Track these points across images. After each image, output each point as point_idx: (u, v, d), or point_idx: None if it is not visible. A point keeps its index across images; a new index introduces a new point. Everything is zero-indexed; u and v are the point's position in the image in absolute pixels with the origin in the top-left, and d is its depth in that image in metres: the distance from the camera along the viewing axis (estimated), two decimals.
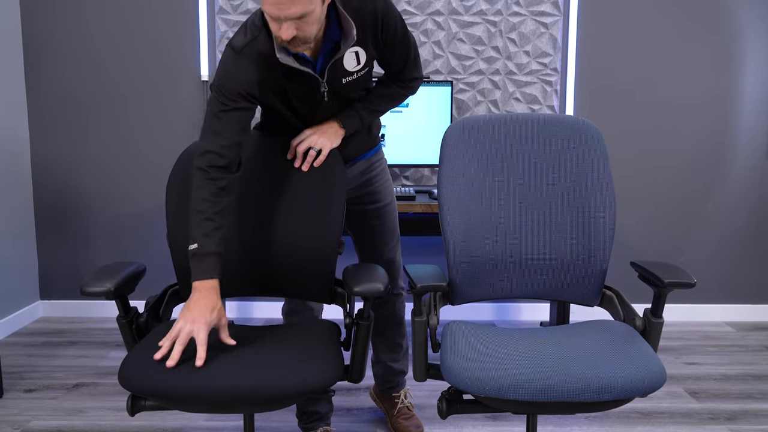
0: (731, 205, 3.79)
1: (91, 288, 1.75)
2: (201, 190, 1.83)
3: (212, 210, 1.82)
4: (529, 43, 3.63)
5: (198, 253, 1.79)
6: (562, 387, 1.60)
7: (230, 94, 1.86)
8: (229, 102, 1.86)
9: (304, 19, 1.72)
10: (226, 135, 1.86)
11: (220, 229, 1.82)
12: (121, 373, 1.67)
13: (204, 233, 1.80)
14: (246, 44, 1.86)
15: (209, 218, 1.81)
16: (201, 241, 1.79)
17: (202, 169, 1.84)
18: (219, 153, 1.84)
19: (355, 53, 1.95)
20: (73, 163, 3.75)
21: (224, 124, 1.86)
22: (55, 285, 3.85)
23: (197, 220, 1.81)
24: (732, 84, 3.70)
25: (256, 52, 1.86)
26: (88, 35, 3.66)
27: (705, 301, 3.87)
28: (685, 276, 1.84)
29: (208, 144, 1.86)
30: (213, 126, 1.86)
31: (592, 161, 2.03)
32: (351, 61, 1.95)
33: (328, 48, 1.91)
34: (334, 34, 1.89)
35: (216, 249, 1.80)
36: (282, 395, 1.64)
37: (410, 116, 3.37)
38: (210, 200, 1.82)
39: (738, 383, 3.00)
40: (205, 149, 1.85)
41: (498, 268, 2.03)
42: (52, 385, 2.93)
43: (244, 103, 1.88)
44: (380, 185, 2.29)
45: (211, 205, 1.82)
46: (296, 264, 1.99)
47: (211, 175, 1.84)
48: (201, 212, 1.81)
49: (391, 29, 1.97)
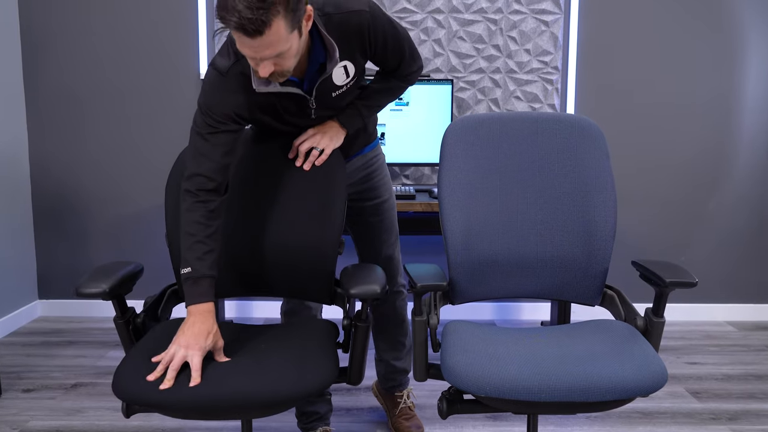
0: (733, 204, 3.78)
1: (86, 289, 1.74)
2: (192, 213, 1.82)
3: (204, 233, 1.80)
4: (529, 42, 3.62)
5: (191, 276, 1.78)
6: (563, 387, 1.60)
7: (218, 117, 1.82)
8: (218, 124, 1.82)
9: (282, 56, 1.67)
10: (215, 158, 1.83)
11: (212, 252, 1.81)
12: (115, 382, 1.65)
13: (197, 257, 1.78)
14: (230, 66, 1.82)
15: (201, 241, 1.80)
16: (194, 264, 1.78)
17: (191, 192, 1.83)
18: (208, 176, 1.82)
19: (344, 68, 1.91)
20: (71, 162, 3.75)
21: (212, 147, 1.83)
22: (54, 284, 3.84)
23: (189, 243, 1.80)
24: (734, 82, 3.69)
25: (239, 73, 1.82)
26: (86, 33, 3.65)
27: (707, 300, 3.86)
28: (686, 275, 1.83)
29: (196, 167, 1.83)
30: (201, 148, 1.83)
31: (594, 160, 2.03)
32: (340, 76, 1.92)
33: (314, 69, 1.87)
34: (318, 55, 1.84)
35: (209, 272, 1.79)
36: (276, 402, 1.62)
37: (410, 114, 3.37)
38: (201, 223, 1.81)
39: (740, 383, 3.00)
40: (194, 172, 1.83)
41: (498, 268, 2.03)
42: (50, 385, 2.93)
43: (232, 126, 1.85)
44: (378, 181, 2.28)
45: (202, 228, 1.81)
46: (296, 264, 1.99)
47: (201, 198, 1.82)
48: (193, 235, 1.80)
49: (380, 40, 1.92)
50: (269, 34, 1.58)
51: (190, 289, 1.78)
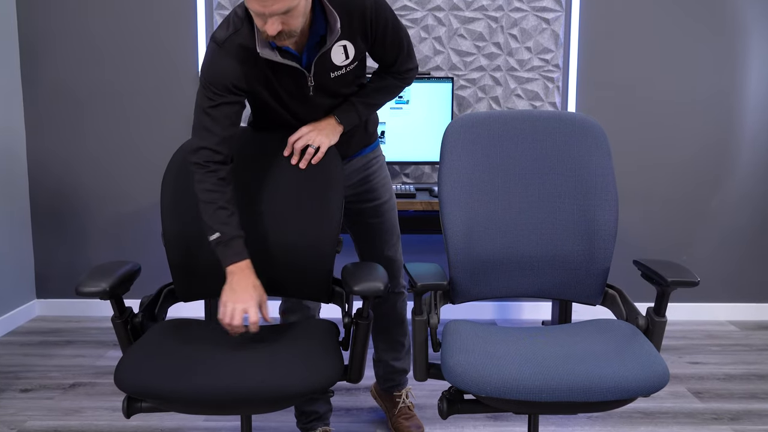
0: (735, 202, 3.78)
1: (86, 288, 1.74)
2: (204, 183, 1.88)
3: (222, 199, 1.88)
4: (530, 39, 3.62)
5: (222, 240, 1.86)
6: (564, 387, 1.60)
7: (217, 89, 1.87)
8: (216, 97, 1.87)
9: (290, 14, 1.71)
10: (218, 131, 1.89)
11: (234, 215, 1.89)
12: (117, 374, 1.66)
13: (221, 222, 1.86)
14: (228, 37, 1.86)
15: (222, 207, 1.87)
16: (221, 229, 1.85)
17: (199, 164, 1.89)
18: (213, 149, 1.88)
19: (344, 47, 1.94)
20: (70, 160, 3.75)
21: (214, 120, 1.88)
22: (52, 284, 3.84)
23: (210, 211, 1.87)
24: (736, 80, 3.69)
25: (238, 45, 1.86)
26: (85, 31, 3.65)
27: (709, 299, 3.86)
28: (688, 274, 1.83)
29: (200, 141, 1.89)
30: (203, 122, 1.89)
31: (595, 158, 2.03)
32: (339, 54, 1.94)
33: (314, 42, 1.90)
34: (319, 27, 1.88)
35: (238, 232, 1.87)
36: (281, 396, 1.63)
37: (410, 113, 3.37)
38: (216, 191, 1.88)
39: (742, 383, 3.00)
40: (199, 146, 1.89)
41: (499, 267, 2.03)
42: (48, 385, 2.93)
43: (231, 97, 1.89)
44: (378, 182, 2.28)
45: (219, 195, 1.88)
46: (294, 263, 1.99)
47: (210, 168, 1.88)
48: (212, 203, 1.87)
49: (381, 24, 1.96)
50: None
51: (223, 251, 1.86)
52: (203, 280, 2.04)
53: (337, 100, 2.07)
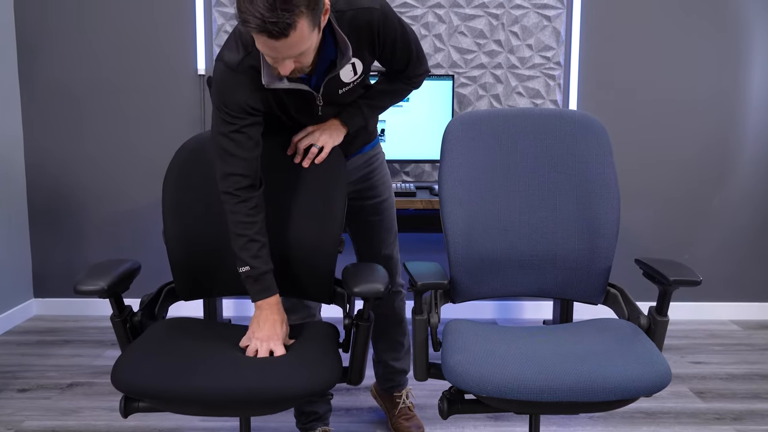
0: (737, 201, 3.78)
1: (85, 286, 1.74)
2: (236, 215, 1.87)
3: (252, 230, 1.86)
4: (531, 37, 3.62)
5: (251, 275, 1.86)
6: (565, 387, 1.60)
7: (235, 112, 1.83)
8: (236, 120, 1.83)
9: (303, 55, 1.68)
10: (243, 154, 1.85)
11: (264, 247, 1.88)
12: (114, 373, 1.66)
13: (252, 255, 1.86)
14: (240, 61, 1.81)
15: (252, 239, 1.86)
16: (252, 263, 1.86)
17: (230, 194, 1.86)
18: (242, 174, 1.86)
19: (352, 65, 1.92)
20: (67, 159, 3.75)
21: (238, 144, 1.85)
22: (49, 283, 3.85)
23: (241, 243, 1.86)
24: (738, 79, 3.69)
25: (250, 67, 1.82)
26: (83, 28, 3.65)
27: (711, 299, 3.86)
28: (690, 273, 1.83)
29: (227, 167, 1.86)
30: (227, 147, 1.85)
31: (596, 157, 2.03)
32: (348, 73, 1.93)
33: (324, 67, 1.88)
34: (329, 52, 1.85)
35: (267, 267, 1.88)
36: (279, 398, 1.63)
37: (411, 111, 3.37)
38: (247, 222, 1.86)
39: (744, 383, 3.00)
40: (227, 172, 1.86)
41: (500, 266, 2.03)
42: (46, 385, 2.93)
43: (250, 119, 1.85)
44: (378, 180, 2.29)
45: (249, 226, 1.86)
46: (296, 263, 1.99)
47: (242, 198, 1.86)
48: (243, 236, 1.86)
49: (389, 39, 1.93)
50: (294, 36, 1.59)
51: (253, 286, 1.87)
52: (204, 280, 2.04)
53: (344, 108, 2.07)
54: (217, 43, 3.60)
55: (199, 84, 3.67)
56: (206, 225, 1.97)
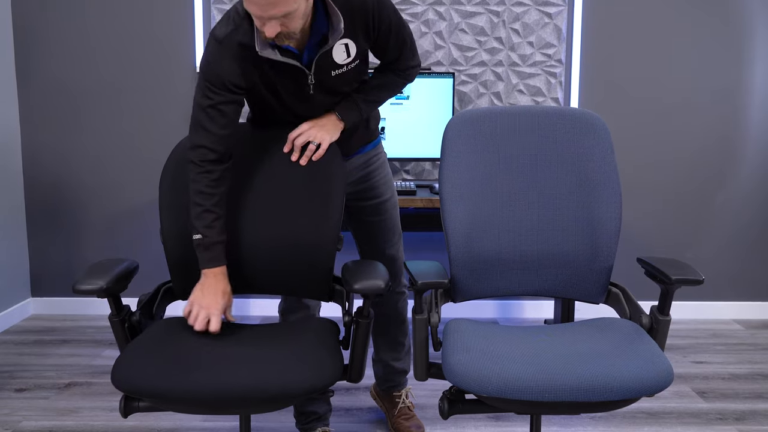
0: (741, 199, 3.78)
1: (83, 286, 1.74)
2: (197, 184, 1.92)
3: (210, 202, 1.91)
4: (532, 34, 3.62)
5: (202, 243, 1.91)
6: (566, 386, 1.60)
7: (215, 87, 1.88)
8: (214, 95, 1.88)
9: (289, 17, 1.72)
10: (215, 130, 1.90)
11: (219, 218, 1.93)
12: (114, 372, 1.66)
13: (205, 225, 1.91)
14: (227, 34, 1.86)
15: (208, 210, 1.91)
16: (204, 231, 1.91)
17: (195, 163, 1.92)
18: (209, 147, 1.91)
19: (345, 45, 1.94)
20: (65, 156, 3.75)
21: (211, 119, 1.90)
22: (47, 282, 3.84)
23: (197, 212, 1.91)
24: (741, 76, 3.69)
25: (237, 43, 1.86)
26: (80, 24, 3.65)
27: (713, 298, 3.86)
28: (692, 272, 1.83)
29: (197, 138, 1.92)
30: (201, 120, 1.91)
31: (598, 154, 2.03)
32: (341, 53, 1.94)
33: (316, 40, 1.90)
34: (321, 26, 1.88)
35: (219, 238, 1.92)
36: (280, 396, 1.63)
37: (411, 109, 3.36)
38: (206, 193, 1.91)
39: (747, 382, 3.00)
40: (196, 143, 1.92)
41: (501, 265, 2.03)
42: (43, 385, 2.93)
43: (229, 96, 1.90)
44: (379, 180, 2.28)
45: (208, 197, 1.91)
46: (294, 261, 1.99)
47: (205, 168, 1.92)
48: (200, 205, 1.91)
49: (384, 23, 1.96)
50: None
51: (202, 254, 1.92)
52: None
53: (338, 98, 2.07)
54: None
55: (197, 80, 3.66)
56: None
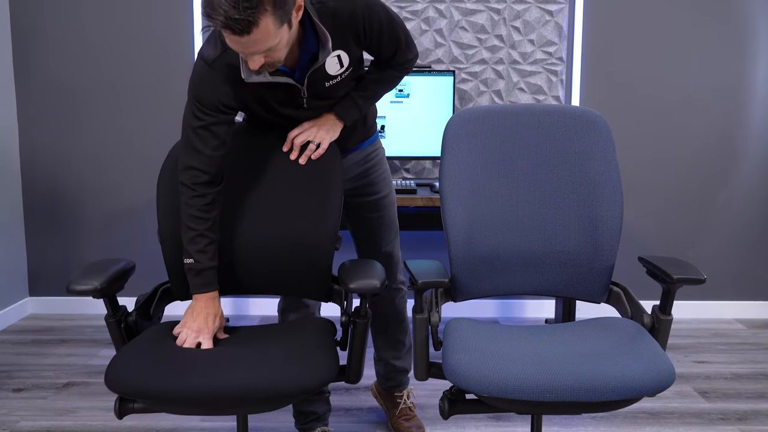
0: (743, 197, 3.78)
1: (78, 286, 1.73)
2: (190, 208, 1.90)
3: (203, 227, 1.90)
4: (533, 32, 3.61)
5: (194, 268, 1.90)
6: (567, 386, 1.59)
7: (207, 108, 1.86)
8: (205, 117, 1.86)
9: (272, 50, 1.69)
10: (207, 152, 1.88)
11: (212, 243, 1.92)
12: (108, 374, 1.65)
13: (198, 249, 1.89)
14: (217, 57, 1.83)
15: (202, 234, 1.90)
16: (197, 257, 1.90)
17: (187, 186, 1.90)
18: (201, 170, 1.89)
19: (338, 57, 1.91)
20: (64, 155, 3.74)
21: (202, 140, 1.88)
22: (45, 281, 3.84)
23: (190, 236, 1.90)
24: (744, 73, 3.68)
25: (227, 65, 1.83)
26: (78, 23, 3.64)
27: (715, 297, 3.86)
28: (694, 272, 1.83)
29: (189, 160, 1.89)
30: (192, 142, 1.89)
31: (599, 153, 2.02)
32: (334, 65, 1.92)
33: (306, 59, 1.88)
34: (311, 45, 1.85)
35: (211, 264, 1.92)
36: (275, 396, 1.63)
37: (411, 107, 3.36)
38: (199, 217, 1.90)
39: (749, 382, 3.00)
40: (187, 165, 1.90)
41: (501, 264, 2.02)
42: (41, 385, 2.92)
43: (221, 117, 1.88)
44: (378, 176, 2.28)
45: (201, 222, 1.90)
46: (292, 260, 1.98)
47: (198, 192, 1.89)
48: (193, 229, 1.89)
49: (375, 28, 1.93)
50: (257, 33, 1.60)
51: (194, 279, 1.91)
52: None
53: (335, 101, 2.06)
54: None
55: None
56: None
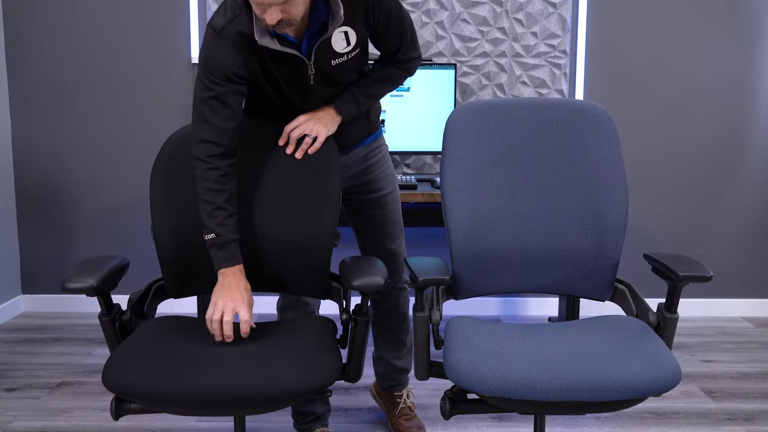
0: (750, 193, 3.77)
1: (73, 284, 1.73)
2: (205, 181, 1.90)
3: (221, 199, 1.89)
4: (536, 24, 3.61)
5: (217, 242, 1.89)
6: (571, 386, 1.59)
7: (216, 78, 1.87)
8: (216, 87, 1.87)
9: (289, 2, 1.71)
10: (219, 122, 1.89)
11: (232, 216, 1.91)
12: (105, 373, 1.65)
13: (218, 222, 1.89)
14: (226, 24, 1.86)
15: (220, 207, 1.89)
16: (218, 230, 1.88)
17: (201, 159, 1.90)
18: (215, 142, 1.89)
19: (344, 33, 1.93)
20: (57, 149, 3.74)
21: (214, 111, 1.88)
22: (38, 278, 3.84)
23: (208, 210, 1.89)
24: (751, 66, 3.68)
25: (236, 32, 1.86)
26: (73, 13, 3.64)
27: (722, 295, 3.86)
28: (701, 269, 1.83)
29: (201, 132, 1.90)
30: (204, 113, 1.89)
31: (603, 148, 2.02)
32: (340, 41, 1.94)
33: (314, 29, 1.90)
34: (320, 14, 1.88)
35: (233, 236, 1.90)
36: (276, 397, 1.63)
37: (412, 101, 3.36)
38: (216, 189, 1.89)
39: (757, 382, 3.00)
40: (200, 138, 1.90)
41: (504, 261, 2.02)
42: (34, 384, 2.93)
43: (232, 86, 1.89)
44: (380, 173, 2.28)
45: (218, 194, 1.89)
46: (289, 258, 1.98)
47: (212, 165, 1.89)
48: (210, 202, 1.89)
49: (384, 11, 1.96)
50: None
51: (217, 253, 1.89)
52: (195, 276, 2.03)
53: (337, 90, 2.06)
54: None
55: (192, 72, 3.66)
56: (196, 219, 1.95)
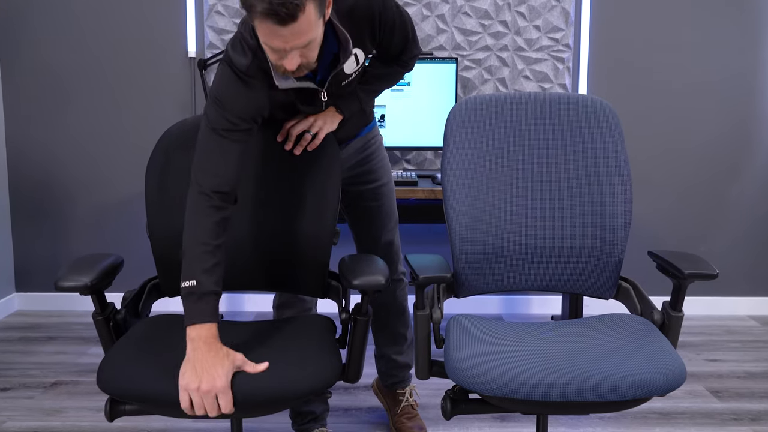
0: (756, 190, 3.77)
1: (66, 282, 1.72)
2: (204, 218, 1.74)
3: (215, 243, 1.72)
4: (539, 17, 3.60)
5: (195, 291, 1.67)
6: (574, 385, 1.59)
7: (237, 118, 1.78)
8: (234, 126, 1.78)
9: (309, 46, 1.67)
10: (231, 159, 1.78)
11: (219, 266, 1.72)
12: (99, 375, 1.65)
13: (204, 269, 1.69)
14: (249, 65, 1.78)
15: (211, 252, 1.71)
16: (201, 278, 1.67)
17: (205, 194, 1.74)
18: (223, 177, 1.77)
19: (354, 55, 1.94)
20: (51, 146, 3.74)
21: (230, 145, 1.78)
22: (32, 276, 3.84)
23: (198, 252, 1.70)
24: (757, 60, 3.67)
25: (260, 71, 1.80)
26: (67, 10, 3.63)
27: (728, 293, 3.86)
28: (706, 266, 1.83)
29: (212, 166, 1.77)
30: (218, 146, 1.77)
31: (607, 143, 2.02)
32: (351, 64, 1.94)
33: (328, 60, 1.88)
34: (331, 45, 1.86)
35: (215, 288, 1.69)
36: (274, 399, 1.62)
37: (412, 96, 3.35)
38: (213, 231, 1.73)
39: (763, 381, 3.00)
40: (208, 171, 1.77)
41: (506, 258, 2.02)
42: (28, 384, 2.93)
43: (251, 125, 1.82)
44: (377, 163, 2.31)
45: (214, 237, 1.73)
46: (288, 256, 1.98)
47: (215, 203, 1.75)
48: (203, 243, 1.71)
49: (388, 25, 1.96)
50: (302, 20, 1.57)
51: (192, 305, 1.66)
52: None
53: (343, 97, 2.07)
54: (209, 24, 3.58)
55: (189, 67, 3.65)
56: None
